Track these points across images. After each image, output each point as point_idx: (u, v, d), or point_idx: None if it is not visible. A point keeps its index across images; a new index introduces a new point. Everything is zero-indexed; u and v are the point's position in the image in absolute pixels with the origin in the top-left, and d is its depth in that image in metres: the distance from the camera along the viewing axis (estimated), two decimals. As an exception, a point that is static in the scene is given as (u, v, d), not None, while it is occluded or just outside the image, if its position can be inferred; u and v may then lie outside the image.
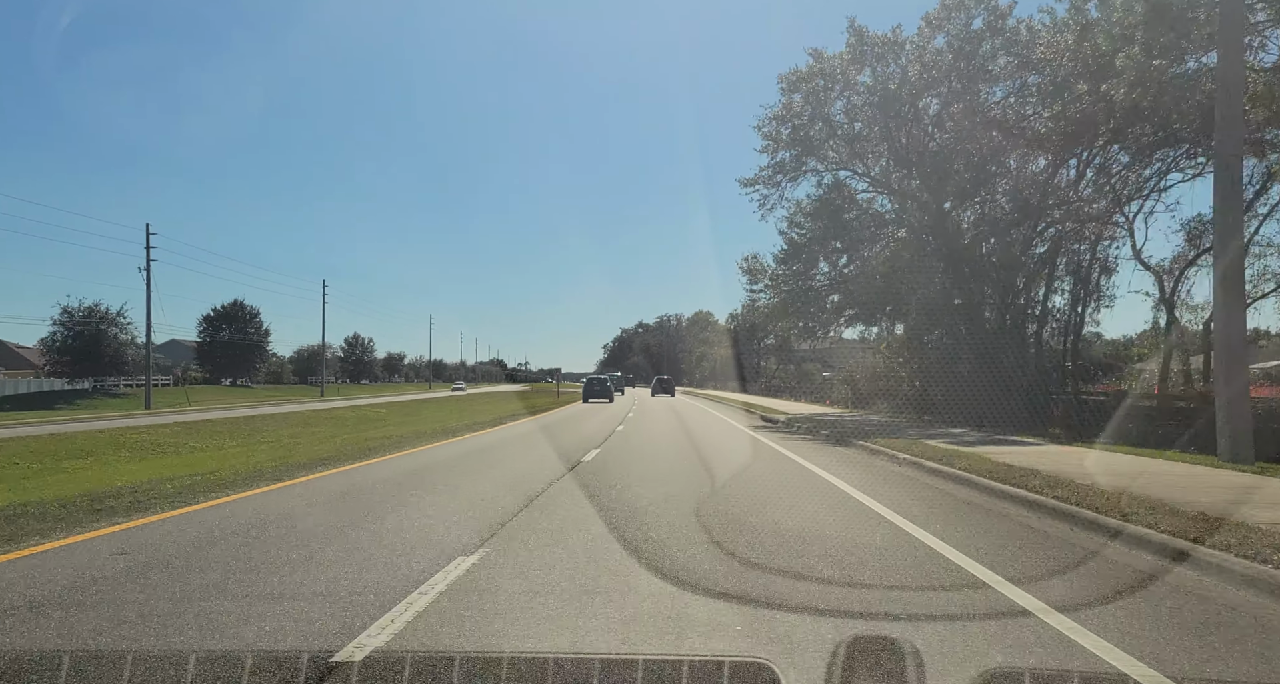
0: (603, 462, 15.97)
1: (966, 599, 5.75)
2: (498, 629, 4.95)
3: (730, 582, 6.14)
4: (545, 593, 5.87)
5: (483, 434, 25.27)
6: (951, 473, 12.88)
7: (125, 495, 10.69)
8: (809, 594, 5.81)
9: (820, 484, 12.51)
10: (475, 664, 3.73)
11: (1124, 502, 9.01)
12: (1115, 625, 5.08)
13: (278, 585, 6.06)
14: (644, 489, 11.65)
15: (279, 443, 21.51)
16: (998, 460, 13.69)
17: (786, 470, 14.55)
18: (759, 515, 9.41)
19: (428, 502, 10.64)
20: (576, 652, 4.45)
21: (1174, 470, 12.76)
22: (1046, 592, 5.89)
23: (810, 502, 10.60)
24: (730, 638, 4.79)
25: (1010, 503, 10.33)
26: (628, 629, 4.95)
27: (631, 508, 9.88)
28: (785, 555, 7.14)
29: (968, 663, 4.22)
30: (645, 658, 3.58)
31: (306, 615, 5.23)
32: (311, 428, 28.58)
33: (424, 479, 13.30)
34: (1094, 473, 12.24)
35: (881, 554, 7.24)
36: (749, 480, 13.13)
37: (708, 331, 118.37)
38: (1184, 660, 4.46)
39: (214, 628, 4.95)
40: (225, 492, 11.31)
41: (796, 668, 4.15)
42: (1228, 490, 10.40)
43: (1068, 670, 4.04)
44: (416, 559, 6.98)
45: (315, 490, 11.73)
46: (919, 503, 10.54)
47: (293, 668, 4.05)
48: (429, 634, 4.86)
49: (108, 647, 4.53)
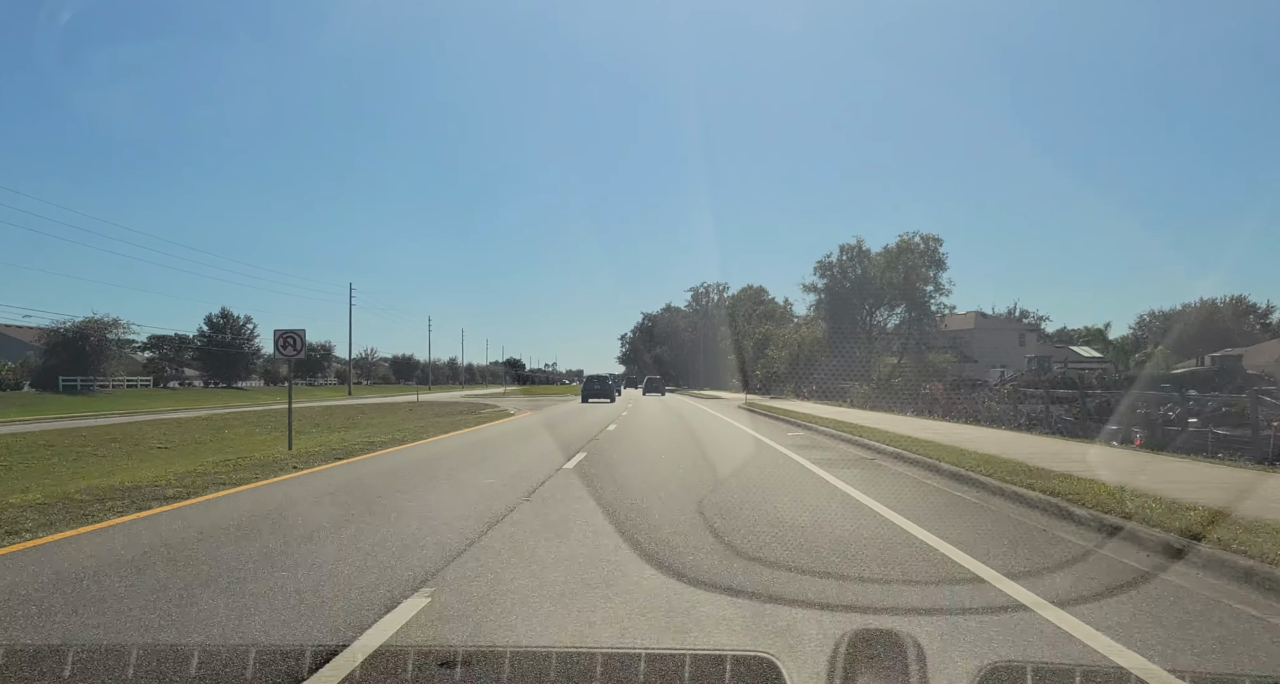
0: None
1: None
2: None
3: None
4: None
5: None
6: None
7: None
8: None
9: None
10: (478, 657, 3.85)
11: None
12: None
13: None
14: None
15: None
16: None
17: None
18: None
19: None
20: (579, 646, 4.46)
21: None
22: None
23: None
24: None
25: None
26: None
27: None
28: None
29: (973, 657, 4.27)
30: (648, 652, 3.69)
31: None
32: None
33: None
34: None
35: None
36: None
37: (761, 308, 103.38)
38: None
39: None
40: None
41: (798, 661, 4.23)
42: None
43: (1070, 664, 4.10)
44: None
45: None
46: None
47: (297, 661, 4.12)
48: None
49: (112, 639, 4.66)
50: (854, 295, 63.97)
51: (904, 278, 60.64)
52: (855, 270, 64.33)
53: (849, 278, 64.45)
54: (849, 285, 64.25)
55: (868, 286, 63.13)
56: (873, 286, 62.95)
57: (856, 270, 64.33)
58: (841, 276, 64.58)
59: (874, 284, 62.61)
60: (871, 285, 62.88)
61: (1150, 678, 4.08)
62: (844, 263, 64.78)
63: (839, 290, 64.29)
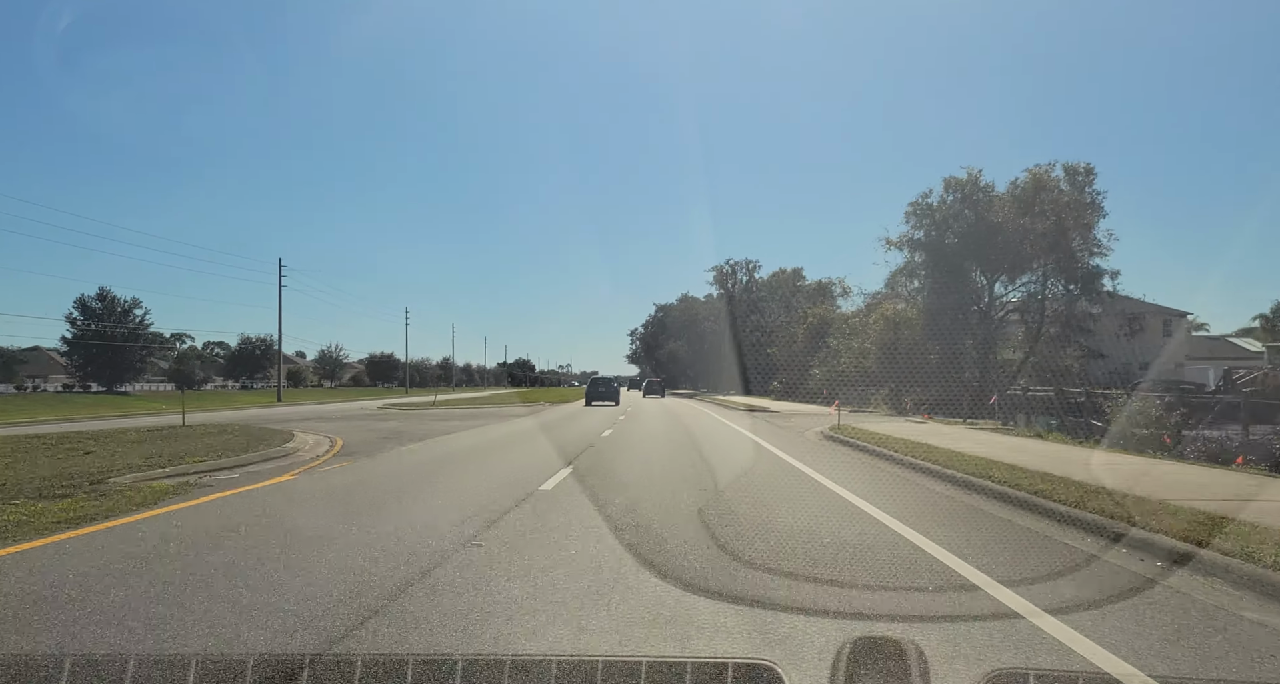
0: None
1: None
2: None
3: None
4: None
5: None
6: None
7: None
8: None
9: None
10: (477, 665, 3.57)
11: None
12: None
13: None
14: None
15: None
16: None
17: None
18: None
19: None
20: (579, 654, 4.36)
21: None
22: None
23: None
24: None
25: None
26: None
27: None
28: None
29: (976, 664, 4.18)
30: (648, 660, 3.41)
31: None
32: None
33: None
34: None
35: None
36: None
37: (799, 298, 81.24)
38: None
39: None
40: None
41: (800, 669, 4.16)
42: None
43: (1073, 671, 4.03)
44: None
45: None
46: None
47: (293, 666, 3.87)
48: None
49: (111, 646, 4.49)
50: (965, 254, 42.05)
51: (1054, 224, 38.67)
52: (967, 218, 42.43)
53: (955, 229, 42.58)
54: (956, 240, 42.32)
55: (987, 242, 41.17)
56: (996, 242, 40.99)
57: (968, 218, 42.41)
58: (944, 227, 42.71)
59: (999, 238, 40.65)
60: (995, 240, 40.91)
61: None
62: (949, 207, 42.91)
63: (942, 247, 42.33)
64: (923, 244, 42.63)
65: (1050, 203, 39.62)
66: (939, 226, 42.39)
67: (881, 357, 40.71)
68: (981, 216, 41.78)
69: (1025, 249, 40.44)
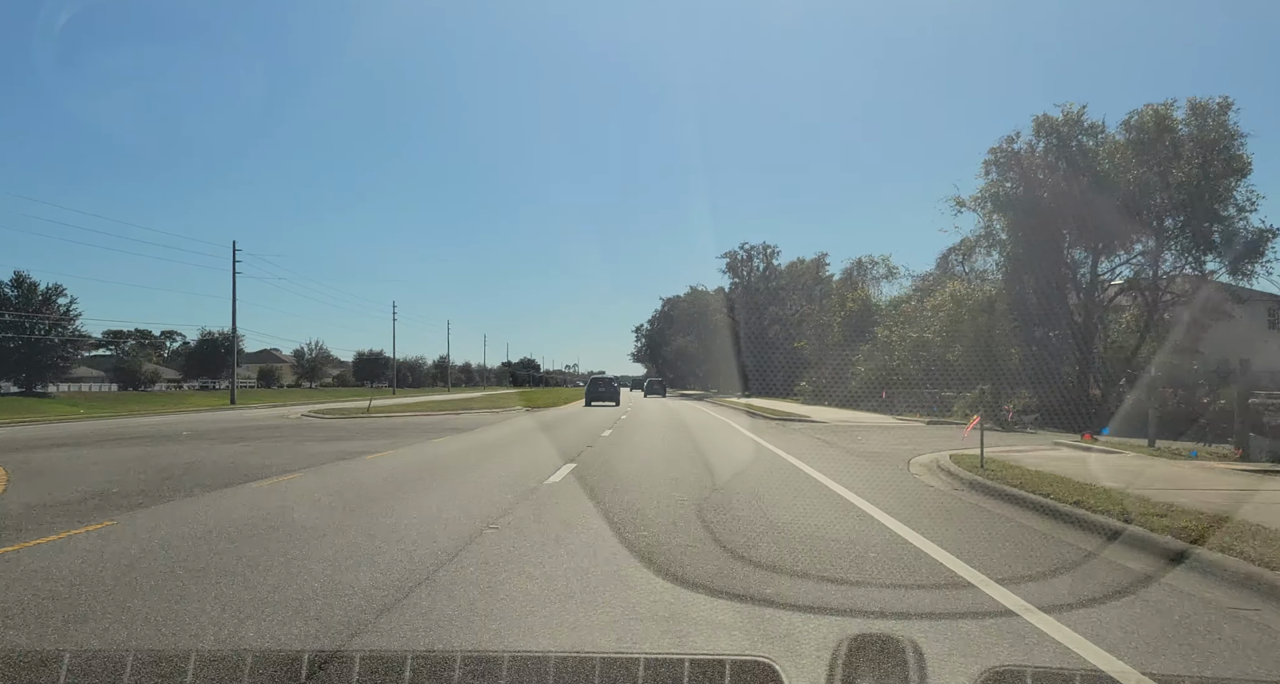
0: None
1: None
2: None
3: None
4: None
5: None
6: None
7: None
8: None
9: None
10: (475, 662, 3.56)
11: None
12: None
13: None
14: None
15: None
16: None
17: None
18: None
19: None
20: (577, 651, 4.37)
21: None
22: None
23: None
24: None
25: None
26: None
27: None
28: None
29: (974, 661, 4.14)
30: (646, 657, 3.39)
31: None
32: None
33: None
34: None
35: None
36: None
37: (822, 288, 71.34)
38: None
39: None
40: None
41: (798, 666, 4.04)
42: None
43: (1070, 669, 4.02)
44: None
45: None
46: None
47: (294, 663, 3.99)
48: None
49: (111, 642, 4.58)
50: (1059, 219, 31.86)
51: (1199, 169, 28.47)
52: (1059, 168, 32.25)
53: (1047, 184, 32.41)
54: (1047, 196, 32.10)
55: (1092, 201, 30.91)
56: (1101, 202, 30.71)
57: (1060, 168, 32.23)
58: (1034, 181, 32.56)
59: (1106, 195, 30.41)
60: (1100, 198, 30.63)
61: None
62: (1039, 156, 32.74)
63: (1035, 206, 32.05)
64: (1008, 201, 32.42)
65: (1187, 143, 29.48)
66: (1026, 181, 32.24)
67: (973, 349, 30.50)
68: (1082, 165, 31.64)
69: (1148, 207, 30.35)
